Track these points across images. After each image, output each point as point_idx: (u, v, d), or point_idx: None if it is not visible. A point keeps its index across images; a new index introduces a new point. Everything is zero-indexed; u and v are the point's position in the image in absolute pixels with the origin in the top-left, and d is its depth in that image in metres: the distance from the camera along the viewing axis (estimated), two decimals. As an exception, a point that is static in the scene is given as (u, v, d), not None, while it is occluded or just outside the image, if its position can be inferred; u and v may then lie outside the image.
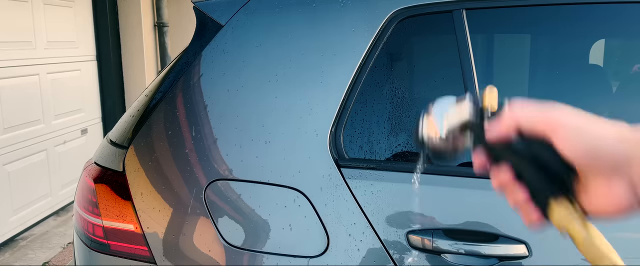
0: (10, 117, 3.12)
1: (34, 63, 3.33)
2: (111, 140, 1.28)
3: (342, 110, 1.12)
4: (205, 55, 1.21)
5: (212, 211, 1.11)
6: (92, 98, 4.05)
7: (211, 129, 1.15)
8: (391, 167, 1.08)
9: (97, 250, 1.19)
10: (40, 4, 3.38)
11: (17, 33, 3.17)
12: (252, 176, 1.11)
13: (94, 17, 4.04)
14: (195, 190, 1.12)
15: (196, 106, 1.17)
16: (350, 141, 1.13)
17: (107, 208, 1.17)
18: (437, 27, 1.17)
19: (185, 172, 1.13)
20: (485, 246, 1.00)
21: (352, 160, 1.10)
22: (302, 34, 1.17)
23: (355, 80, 1.12)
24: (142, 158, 1.17)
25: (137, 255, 1.15)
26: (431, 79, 1.21)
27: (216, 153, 1.13)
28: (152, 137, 1.18)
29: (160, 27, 4.42)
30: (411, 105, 1.16)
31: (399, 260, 1.03)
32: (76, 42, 3.81)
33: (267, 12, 1.21)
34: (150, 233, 1.13)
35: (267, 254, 1.08)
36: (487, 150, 0.49)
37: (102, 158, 1.25)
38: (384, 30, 1.13)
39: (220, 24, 1.22)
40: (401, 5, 1.14)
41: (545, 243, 0.99)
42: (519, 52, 1.41)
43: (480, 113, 0.51)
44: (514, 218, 1.01)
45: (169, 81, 1.23)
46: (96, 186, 1.19)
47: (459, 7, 1.11)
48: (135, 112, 1.26)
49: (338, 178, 1.07)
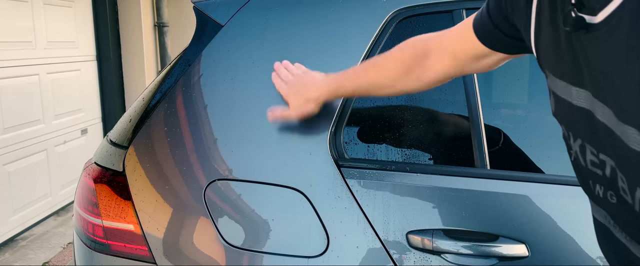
0: (10, 117, 3.12)
1: (34, 63, 3.33)
2: (111, 140, 1.28)
3: (342, 110, 1.12)
4: (205, 55, 1.21)
5: (212, 211, 1.11)
6: (92, 98, 4.05)
7: (211, 129, 1.15)
8: (391, 167, 1.09)
9: (97, 250, 1.19)
10: (40, 4, 3.38)
11: (17, 33, 3.17)
12: (252, 176, 1.11)
13: (94, 17, 4.04)
14: (195, 190, 1.12)
15: (196, 106, 1.17)
16: (350, 141, 1.13)
17: (107, 208, 1.17)
18: (437, 27, 1.17)
19: (185, 172, 1.13)
20: (485, 246, 1.00)
21: (352, 160, 1.10)
22: (302, 34, 1.17)
23: (355, 80, 1.12)
24: (142, 158, 1.17)
25: (137, 255, 1.15)
26: (431, 79, 1.20)
27: (216, 153, 1.13)
28: (152, 137, 1.18)
29: (160, 27, 4.42)
30: (411, 105, 1.16)
31: (399, 260, 1.03)
32: (76, 42, 3.81)
33: (267, 12, 1.21)
34: (150, 233, 1.13)
35: (267, 254, 1.08)
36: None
37: (102, 158, 1.25)
38: (384, 30, 1.14)
39: (220, 24, 1.22)
40: (401, 5, 1.14)
41: (545, 243, 0.99)
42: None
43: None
44: (514, 218, 1.01)
45: (169, 81, 1.23)
46: (96, 186, 1.19)
47: (459, 7, 1.12)
48: (135, 112, 1.26)
49: (338, 178, 1.07)
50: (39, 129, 3.41)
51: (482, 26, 0.81)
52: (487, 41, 0.81)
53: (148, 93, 1.29)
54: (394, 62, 0.98)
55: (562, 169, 1.02)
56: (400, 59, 0.97)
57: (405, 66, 0.96)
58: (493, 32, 0.79)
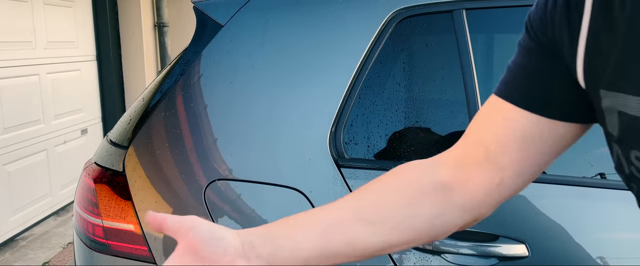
0: (10, 117, 3.12)
1: (34, 63, 3.33)
2: (111, 140, 1.28)
3: (342, 110, 1.12)
4: (205, 55, 1.21)
5: (212, 211, 1.11)
6: (92, 98, 4.05)
7: (211, 129, 1.15)
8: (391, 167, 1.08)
9: (97, 250, 1.19)
10: (40, 4, 3.38)
11: (17, 33, 3.17)
12: (252, 176, 1.11)
13: (94, 17, 4.04)
14: (195, 190, 1.12)
15: (196, 106, 1.17)
16: (350, 141, 1.13)
17: (107, 208, 1.17)
18: (437, 27, 1.17)
19: (185, 172, 1.13)
20: (485, 246, 1.00)
21: (352, 160, 1.10)
22: (302, 34, 1.17)
23: (355, 80, 1.12)
24: (142, 158, 1.17)
25: (137, 255, 1.15)
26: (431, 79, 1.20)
27: (216, 153, 1.13)
28: (152, 137, 1.18)
29: (160, 27, 4.42)
30: (411, 105, 1.16)
31: (399, 259, 1.03)
32: (76, 42, 3.81)
33: (267, 12, 1.21)
34: (150, 233, 1.13)
35: (267, 254, 1.08)
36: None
37: (102, 158, 1.25)
38: (384, 30, 1.14)
39: (220, 24, 1.22)
40: (401, 5, 1.14)
41: (545, 243, 0.99)
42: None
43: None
44: (514, 218, 1.01)
45: (169, 81, 1.23)
46: (96, 186, 1.19)
47: (459, 7, 1.11)
48: (135, 112, 1.26)
49: (338, 178, 1.07)
50: (39, 129, 3.41)
51: (518, 80, 0.58)
52: (534, 98, 0.57)
53: (148, 93, 1.29)
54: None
55: (562, 169, 1.02)
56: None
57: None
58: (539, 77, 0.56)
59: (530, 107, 0.56)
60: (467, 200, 0.60)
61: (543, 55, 0.55)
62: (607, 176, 1.03)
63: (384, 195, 0.61)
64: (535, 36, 0.56)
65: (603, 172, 1.04)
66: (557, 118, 0.56)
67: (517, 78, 0.58)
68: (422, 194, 0.60)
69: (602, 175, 1.04)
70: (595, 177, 1.04)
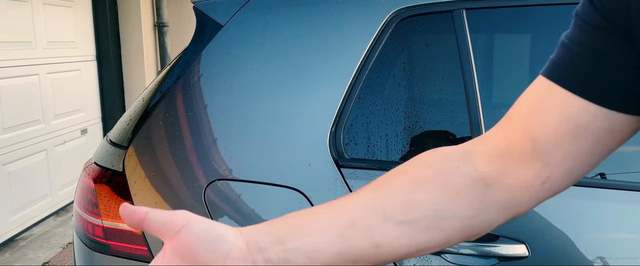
0: (10, 117, 3.12)
1: (34, 63, 3.33)
2: (111, 140, 1.28)
3: (342, 110, 1.12)
4: (205, 55, 1.21)
5: (212, 211, 1.11)
6: (92, 98, 4.05)
7: (211, 129, 1.15)
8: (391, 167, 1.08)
9: (97, 250, 1.19)
10: (40, 4, 3.38)
11: (17, 33, 3.17)
12: (252, 176, 1.11)
13: (93, 17, 4.04)
14: (195, 190, 1.12)
15: (196, 106, 1.17)
16: (350, 141, 1.13)
17: (107, 208, 1.17)
18: (437, 27, 1.17)
19: (185, 172, 1.13)
20: (485, 246, 1.00)
21: (352, 160, 1.10)
22: (302, 34, 1.17)
23: (355, 80, 1.12)
24: (142, 158, 1.17)
25: (137, 255, 1.15)
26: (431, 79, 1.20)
27: (216, 153, 1.13)
28: (152, 137, 1.18)
29: (160, 27, 4.42)
30: (411, 105, 1.16)
31: (399, 260, 1.03)
32: (76, 42, 3.81)
33: (266, 12, 1.21)
34: (150, 233, 1.13)
35: (267, 254, 1.08)
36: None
37: (102, 158, 1.25)
38: (384, 30, 1.14)
39: (220, 24, 1.22)
40: (401, 5, 1.14)
41: (545, 243, 0.99)
42: (519, 52, 1.41)
43: None
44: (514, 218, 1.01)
45: (169, 81, 1.23)
46: (96, 186, 1.19)
47: (459, 7, 1.11)
48: (135, 112, 1.26)
49: (338, 178, 1.07)
50: (39, 129, 3.41)
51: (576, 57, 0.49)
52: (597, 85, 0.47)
53: (148, 93, 1.29)
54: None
55: (562, 169, 1.02)
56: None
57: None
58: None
59: (591, 96, 0.47)
60: (507, 198, 0.52)
61: (613, 36, 0.46)
62: (607, 176, 1.03)
63: (413, 190, 0.52)
64: (605, 11, 0.46)
65: (603, 172, 1.04)
66: (619, 110, 0.47)
67: (575, 60, 0.48)
68: (456, 191, 0.51)
69: (602, 175, 1.04)
70: (596, 177, 1.04)
